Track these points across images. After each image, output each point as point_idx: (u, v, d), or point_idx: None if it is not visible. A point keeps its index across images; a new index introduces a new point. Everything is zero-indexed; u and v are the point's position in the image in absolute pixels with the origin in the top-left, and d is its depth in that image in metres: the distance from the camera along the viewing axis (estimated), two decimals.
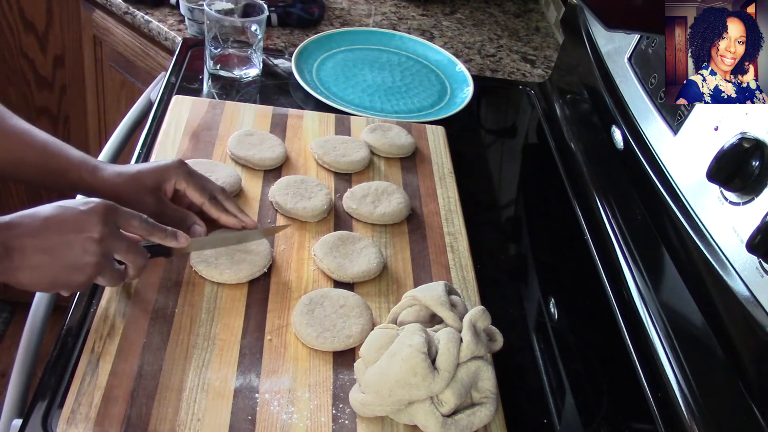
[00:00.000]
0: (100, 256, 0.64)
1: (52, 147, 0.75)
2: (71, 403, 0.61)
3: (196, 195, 0.79)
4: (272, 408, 0.64)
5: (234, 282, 0.75)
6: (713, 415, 0.65)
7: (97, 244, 0.63)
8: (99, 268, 0.64)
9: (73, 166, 0.75)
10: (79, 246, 0.63)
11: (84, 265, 0.63)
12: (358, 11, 1.48)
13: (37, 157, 0.74)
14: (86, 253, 0.63)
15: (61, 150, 0.75)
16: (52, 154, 0.75)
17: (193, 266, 0.75)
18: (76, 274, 0.63)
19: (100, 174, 0.76)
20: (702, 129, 0.71)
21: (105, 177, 0.76)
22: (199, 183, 0.79)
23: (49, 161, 0.74)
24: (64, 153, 0.75)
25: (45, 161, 0.74)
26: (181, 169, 0.78)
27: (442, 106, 1.18)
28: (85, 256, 0.63)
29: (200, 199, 0.79)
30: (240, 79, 1.14)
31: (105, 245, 0.64)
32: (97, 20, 1.44)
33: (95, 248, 0.63)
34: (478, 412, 0.64)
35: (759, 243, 0.57)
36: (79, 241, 0.63)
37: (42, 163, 0.74)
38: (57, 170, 0.75)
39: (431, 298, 0.69)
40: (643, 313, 0.78)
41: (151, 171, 0.77)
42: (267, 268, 0.77)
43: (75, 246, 0.62)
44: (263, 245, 0.79)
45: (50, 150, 0.75)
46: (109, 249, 0.65)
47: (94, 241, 0.63)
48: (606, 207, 0.92)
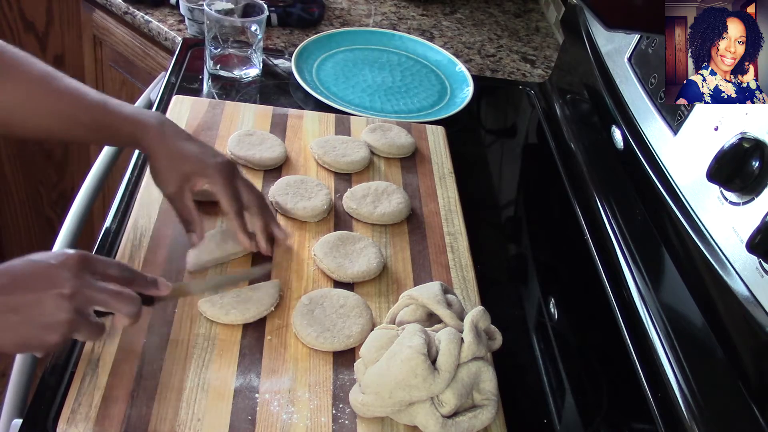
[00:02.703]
0: (73, 312, 0.58)
1: (104, 106, 0.74)
2: (71, 403, 0.61)
3: (225, 203, 0.75)
4: (272, 408, 0.64)
5: (240, 323, 0.71)
6: (713, 415, 0.65)
7: (68, 300, 0.57)
8: (73, 325, 0.58)
9: (124, 123, 0.74)
10: (50, 303, 0.57)
11: (56, 323, 0.57)
12: (358, 11, 1.48)
13: (89, 117, 0.73)
14: (58, 310, 0.57)
15: (113, 107, 0.74)
16: (104, 111, 0.74)
17: (198, 306, 0.72)
18: (48, 334, 0.58)
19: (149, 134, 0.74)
20: (702, 129, 0.71)
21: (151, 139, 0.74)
22: (234, 192, 0.75)
23: (101, 120, 0.73)
24: (117, 110, 0.74)
25: (97, 120, 0.73)
26: (224, 171, 0.75)
27: (442, 106, 1.18)
28: (57, 314, 0.57)
29: (227, 208, 0.75)
30: (240, 79, 1.14)
31: (78, 300, 0.58)
32: (97, 20, 1.44)
33: (67, 305, 0.57)
34: (479, 414, 0.64)
35: (759, 243, 0.57)
36: (49, 297, 0.57)
37: (94, 123, 0.73)
38: (109, 128, 0.74)
39: (428, 296, 0.69)
40: (643, 313, 0.78)
41: (191, 159, 0.74)
42: (274, 306, 0.74)
43: (45, 303, 0.57)
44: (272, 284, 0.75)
45: (102, 108, 0.74)
46: (83, 304, 0.59)
47: (65, 297, 0.57)
48: (606, 207, 0.92)
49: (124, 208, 0.85)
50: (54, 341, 0.58)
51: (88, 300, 0.59)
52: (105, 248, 0.79)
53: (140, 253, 0.77)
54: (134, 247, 0.77)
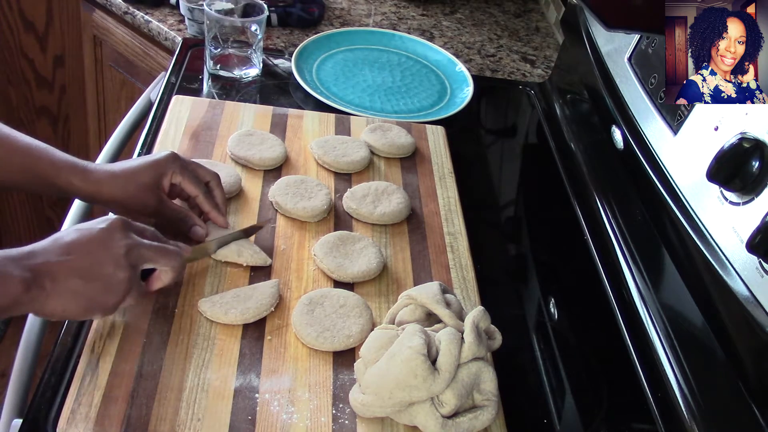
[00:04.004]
0: (131, 269, 0.63)
1: (36, 151, 0.72)
2: (71, 403, 0.61)
3: (192, 187, 0.78)
4: (272, 408, 0.64)
5: (240, 323, 0.72)
6: (713, 415, 0.65)
7: (125, 258, 0.62)
8: (130, 283, 0.63)
9: (60, 171, 0.72)
10: (110, 262, 0.61)
11: (118, 282, 0.62)
12: (358, 11, 1.48)
13: (21, 162, 0.72)
14: (118, 269, 0.62)
15: (45, 153, 0.72)
16: (37, 157, 0.72)
17: (198, 306, 0.72)
18: (110, 294, 0.62)
19: (92, 177, 0.73)
20: (702, 129, 0.71)
21: (99, 180, 0.73)
22: (193, 173, 0.78)
23: (35, 166, 0.72)
24: (49, 157, 0.72)
25: (30, 166, 0.72)
26: (176, 161, 0.77)
27: (442, 106, 1.18)
28: (118, 272, 0.62)
29: (195, 191, 0.78)
30: (240, 79, 1.14)
31: (133, 257, 0.63)
32: (97, 20, 1.44)
33: (125, 262, 0.62)
34: (480, 415, 0.64)
35: (759, 243, 0.57)
36: (109, 257, 0.61)
37: (28, 169, 0.72)
38: (44, 175, 0.72)
39: (427, 296, 0.69)
40: (643, 313, 0.78)
41: (146, 167, 0.76)
42: (274, 307, 0.74)
43: (106, 263, 0.61)
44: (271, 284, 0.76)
45: (34, 154, 0.72)
46: (137, 260, 0.64)
47: (123, 255, 0.62)
48: (606, 207, 0.92)
49: None
50: (114, 301, 0.63)
51: (140, 256, 0.64)
52: None
53: None
54: None
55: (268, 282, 0.76)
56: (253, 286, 0.75)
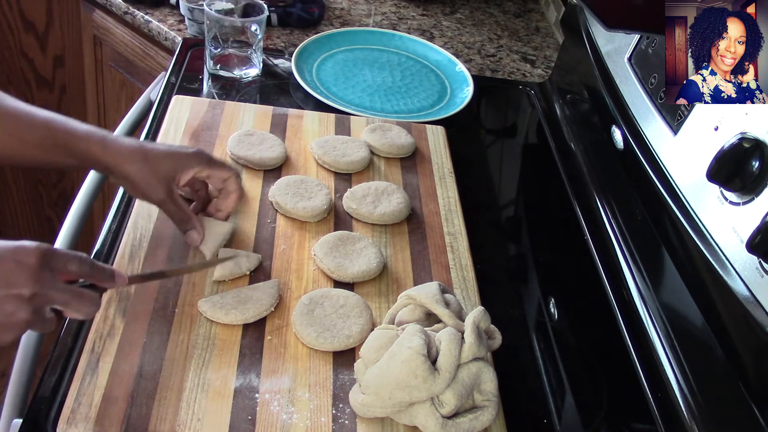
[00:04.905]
0: (32, 313, 0.57)
1: (55, 122, 0.70)
2: (71, 403, 0.61)
3: (222, 172, 0.77)
4: (272, 408, 0.64)
5: (240, 323, 0.71)
6: (713, 415, 0.65)
7: (27, 302, 0.56)
8: (29, 324, 0.57)
9: (79, 140, 0.70)
10: (9, 304, 0.55)
11: (14, 323, 0.56)
12: (358, 11, 1.48)
13: (39, 135, 0.70)
14: (17, 311, 0.56)
15: (64, 124, 0.71)
16: (55, 128, 0.70)
17: (198, 306, 0.72)
18: (3, 332, 0.56)
19: (111, 148, 0.71)
20: (702, 129, 0.71)
21: (117, 152, 0.71)
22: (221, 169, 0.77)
23: (53, 137, 0.70)
24: (69, 127, 0.71)
25: (48, 138, 0.70)
26: (202, 157, 0.76)
27: (442, 106, 1.18)
28: (15, 314, 0.56)
29: (226, 174, 0.77)
30: (240, 79, 1.14)
31: (37, 302, 0.57)
32: (97, 20, 1.44)
33: (26, 306, 0.56)
34: (480, 416, 0.64)
35: (759, 243, 0.57)
36: (8, 299, 0.55)
37: (46, 141, 0.70)
38: (62, 145, 0.70)
39: (426, 296, 0.69)
40: (643, 313, 0.78)
41: (168, 156, 0.73)
42: (274, 307, 0.73)
43: (4, 304, 0.55)
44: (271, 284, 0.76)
45: (53, 125, 0.70)
46: (43, 305, 0.58)
47: (25, 299, 0.56)
48: (606, 207, 0.92)
49: (124, 208, 0.85)
50: (8, 339, 0.57)
51: (47, 301, 0.58)
52: (105, 248, 0.79)
53: (140, 253, 0.77)
54: (134, 247, 0.77)
55: (268, 282, 0.76)
56: (253, 286, 0.75)
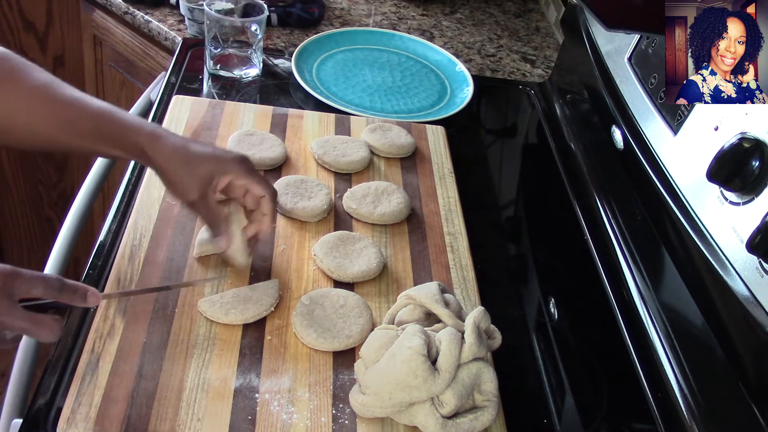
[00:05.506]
0: None
1: (109, 113, 0.71)
2: (71, 403, 0.61)
3: (262, 189, 0.74)
4: (272, 408, 0.64)
5: (240, 323, 0.71)
6: (713, 415, 0.65)
7: None
8: None
9: (128, 131, 0.70)
10: None
11: None
12: (358, 11, 1.48)
13: (92, 125, 0.70)
14: None
15: (117, 115, 0.71)
16: (109, 119, 0.71)
17: (198, 306, 0.72)
18: None
19: (157, 143, 0.71)
20: (702, 129, 0.71)
21: (159, 150, 0.71)
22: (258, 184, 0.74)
23: (106, 128, 0.70)
24: (118, 118, 0.71)
25: (100, 128, 0.70)
26: (244, 164, 0.73)
27: (442, 106, 1.18)
28: None
29: (262, 192, 0.74)
30: (240, 79, 1.14)
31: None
32: (97, 20, 1.44)
33: None
34: (480, 416, 0.64)
35: (759, 243, 0.57)
36: None
37: (97, 131, 0.70)
38: (113, 137, 0.71)
39: (426, 296, 0.69)
40: (643, 313, 0.78)
41: (208, 159, 0.72)
42: (274, 307, 0.73)
43: None
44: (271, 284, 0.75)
45: (107, 116, 0.71)
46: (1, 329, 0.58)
47: None
48: (606, 207, 0.92)
49: (124, 208, 0.85)
50: None
51: (5, 327, 0.58)
52: (105, 248, 0.79)
53: (140, 253, 0.77)
54: (134, 247, 0.77)
55: (268, 282, 0.76)
56: (253, 286, 0.75)
